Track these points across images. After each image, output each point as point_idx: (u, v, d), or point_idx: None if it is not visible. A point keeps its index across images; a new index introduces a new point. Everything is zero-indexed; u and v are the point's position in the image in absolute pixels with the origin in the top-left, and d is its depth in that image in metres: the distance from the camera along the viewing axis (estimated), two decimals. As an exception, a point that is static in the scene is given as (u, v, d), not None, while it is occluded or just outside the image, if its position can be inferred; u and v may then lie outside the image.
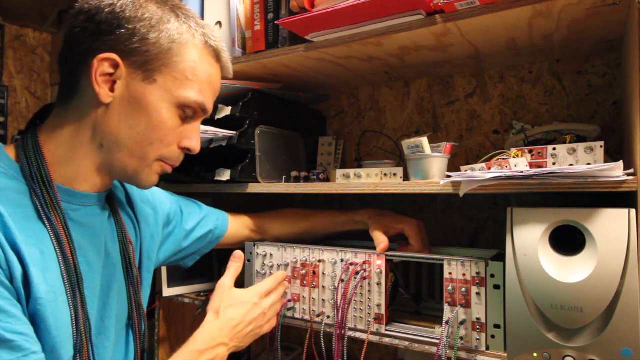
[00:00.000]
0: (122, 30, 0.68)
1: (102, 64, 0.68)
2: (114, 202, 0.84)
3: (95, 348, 0.71)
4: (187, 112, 0.75)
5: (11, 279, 0.61)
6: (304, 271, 1.02)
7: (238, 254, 0.97)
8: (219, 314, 0.86)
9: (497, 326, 0.83)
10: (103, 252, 0.78)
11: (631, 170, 0.74)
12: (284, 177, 1.16)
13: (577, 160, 0.80)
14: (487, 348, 0.84)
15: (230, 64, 0.82)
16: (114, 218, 0.82)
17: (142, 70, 0.70)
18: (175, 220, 1.01)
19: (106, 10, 0.69)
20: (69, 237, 0.69)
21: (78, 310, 0.68)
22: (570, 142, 0.87)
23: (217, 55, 0.78)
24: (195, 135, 0.77)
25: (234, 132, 1.11)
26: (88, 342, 0.69)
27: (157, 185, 1.00)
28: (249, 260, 1.10)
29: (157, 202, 0.96)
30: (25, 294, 0.63)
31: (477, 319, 0.84)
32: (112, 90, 0.70)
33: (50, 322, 0.64)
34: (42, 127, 0.74)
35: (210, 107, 0.78)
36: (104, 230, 0.79)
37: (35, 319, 0.63)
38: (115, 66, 0.69)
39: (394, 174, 0.98)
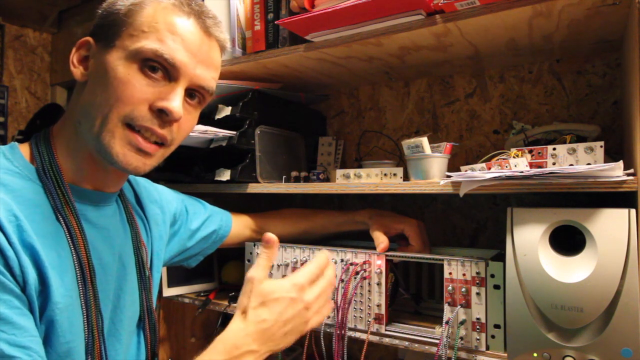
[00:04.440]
0: (98, 16, 0.72)
1: (79, 49, 0.72)
2: (126, 202, 0.83)
3: (107, 350, 0.70)
4: (152, 66, 0.67)
5: (24, 285, 0.59)
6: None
7: (270, 238, 0.74)
8: (247, 315, 0.69)
9: (497, 326, 0.83)
10: (117, 255, 0.77)
11: (631, 170, 0.74)
12: (284, 177, 1.16)
13: (577, 160, 0.80)
14: (487, 348, 0.84)
15: (212, 20, 0.73)
16: (127, 219, 0.82)
17: (104, 40, 0.70)
18: (181, 220, 1.00)
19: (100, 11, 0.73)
20: (84, 238, 0.68)
21: (91, 310, 0.67)
22: (570, 142, 0.87)
23: (188, 7, 0.71)
24: (171, 97, 0.68)
25: (234, 132, 1.11)
26: (100, 343, 0.68)
27: (154, 182, 1.01)
28: (248, 260, 1.10)
29: (164, 201, 0.96)
30: (42, 299, 0.62)
31: (477, 319, 0.84)
32: (86, 69, 0.71)
33: (65, 326, 0.63)
34: (54, 126, 0.75)
35: (177, 58, 0.68)
36: (117, 231, 0.78)
37: (51, 325, 0.62)
38: (89, 48, 0.72)
39: (394, 174, 0.98)
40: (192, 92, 0.73)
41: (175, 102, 0.68)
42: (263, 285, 0.71)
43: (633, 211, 0.71)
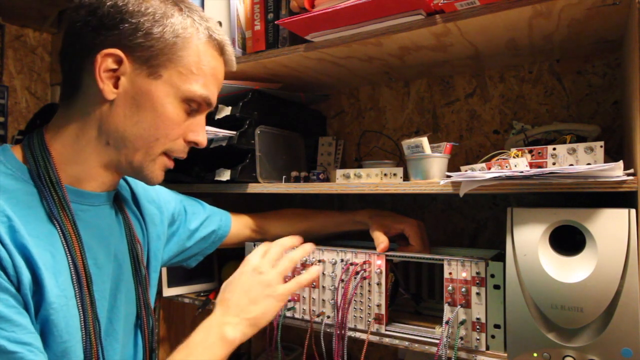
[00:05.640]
0: (126, 25, 0.67)
1: (105, 60, 0.67)
2: (120, 201, 0.83)
3: (104, 350, 0.70)
4: (192, 106, 0.74)
5: (18, 285, 0.60)
6: (304, 271, 1.02)
7: None
8: (217, 304, 0.79)
9: (497, 326, 0.83)
10: (112, 254, 0.77)
11: (631, 170, 0.74)
12: (284, 177, 1.16)
13: (577, 160, 0.80)
14: (487, 348, 0.84)
15: (233, 57, 0.81)
16: (122, 217, 0.82)
17: (147, 65, 0.69)
18: (180, 220, 1.00)
19: (108, 3, 0.67)
20: (78, 238, 0.68)
21: (87, 312, 0.67)
22: (570, 142, 0.87)
23: (221, 49, 0.77)
24: (201, 129, 0.77)
25: (234, 132, 1.11)
26: (97, 344, 0.68)
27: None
28: (249, 260, 1.10)
29: (162, 201, 0.96)
30: (37, 299, 0.62)
31: (477, 319, 0.84)
32: (115, 86, 0.69)
33: (61, 326, 0.63)
34: (48, 126, 0.73)
35: (214, 100, 0.77)
36: (113, 231, 0.78)
37: (47, 325, 0.62)
38: (119, 62, 0.68)
39: (394, 174, 0.98)
40: None
41: (204, 135, 0.78)
42: (225, 281, 0.82)
43: (633, 211, 0.71)
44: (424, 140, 0.95)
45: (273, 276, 0.80)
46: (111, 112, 0.70)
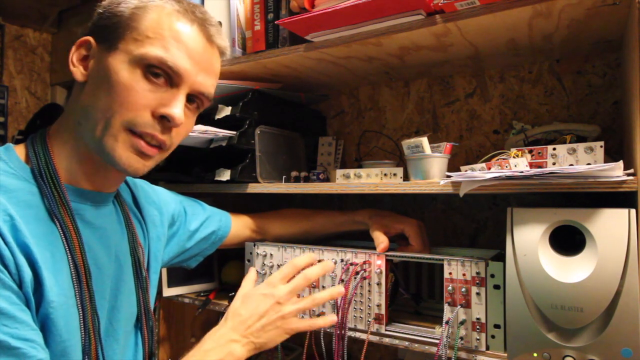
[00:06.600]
0: (98, 15, 0.72)
1: (79, 48, 0.71)
2: (122, 203, 0.83)
3: (104, 350, 0.70)
4: (155, 72, 0.68)
5: (20, 283, 0.60)
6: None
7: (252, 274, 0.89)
8: (228, 314, 0.80)
9: (497, 326, 0.83)
10: (113, 255, 0.77)
11: (631, 170, 0.74)
12: (284, 177, 1.16)
13: (577, 160, 0.80)
14: (487, 348, 0.84)
15: (215, 27, 0.74)
16: (124, 220, 0.82)
17: (107, 42, 0.69)
18: (180, 221, 1.00)
19: (99, 10, 0.72)
20: (79, 238, 0.68)
21: (87, 312, 0.67)
22: (570, 142, 0.87)
23: (192, 15, 0.71)
24: (173, 103, 0.69)
25: (234, 132, 1.11)
26: (97, 344, 0.68)
27: (157, 185, 1.01)
28: (248, 260, 1.10)
29: (162, 202, 0.96)
30: (37, 298, 0.62)
31: (477, 319, 0.84)
32: (86, 69, 0.71)
33: (61, 325, 0.64)
34: (51, 127, 0.75)
35: (180, 66, 0.69)
36: (114, 232, 0.78)
37: (46, 323, 0.63)
38: (89, 47, 0.71)
39: (394, 174, 0.98)
40: (192, 97, 0.74)
41: (177, 108, 0.70)
42: (242, 291, 0.84)
43: (633, 211, 0.71)
44: (424, 140, 0.95)
45: (290, 310, 0.80)
46: (81, 93, 0.71)
